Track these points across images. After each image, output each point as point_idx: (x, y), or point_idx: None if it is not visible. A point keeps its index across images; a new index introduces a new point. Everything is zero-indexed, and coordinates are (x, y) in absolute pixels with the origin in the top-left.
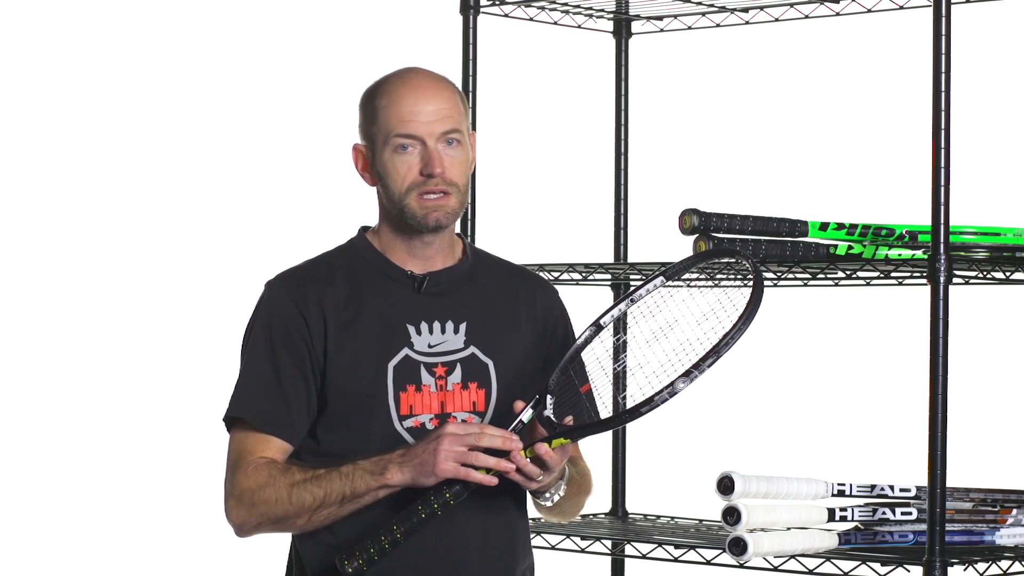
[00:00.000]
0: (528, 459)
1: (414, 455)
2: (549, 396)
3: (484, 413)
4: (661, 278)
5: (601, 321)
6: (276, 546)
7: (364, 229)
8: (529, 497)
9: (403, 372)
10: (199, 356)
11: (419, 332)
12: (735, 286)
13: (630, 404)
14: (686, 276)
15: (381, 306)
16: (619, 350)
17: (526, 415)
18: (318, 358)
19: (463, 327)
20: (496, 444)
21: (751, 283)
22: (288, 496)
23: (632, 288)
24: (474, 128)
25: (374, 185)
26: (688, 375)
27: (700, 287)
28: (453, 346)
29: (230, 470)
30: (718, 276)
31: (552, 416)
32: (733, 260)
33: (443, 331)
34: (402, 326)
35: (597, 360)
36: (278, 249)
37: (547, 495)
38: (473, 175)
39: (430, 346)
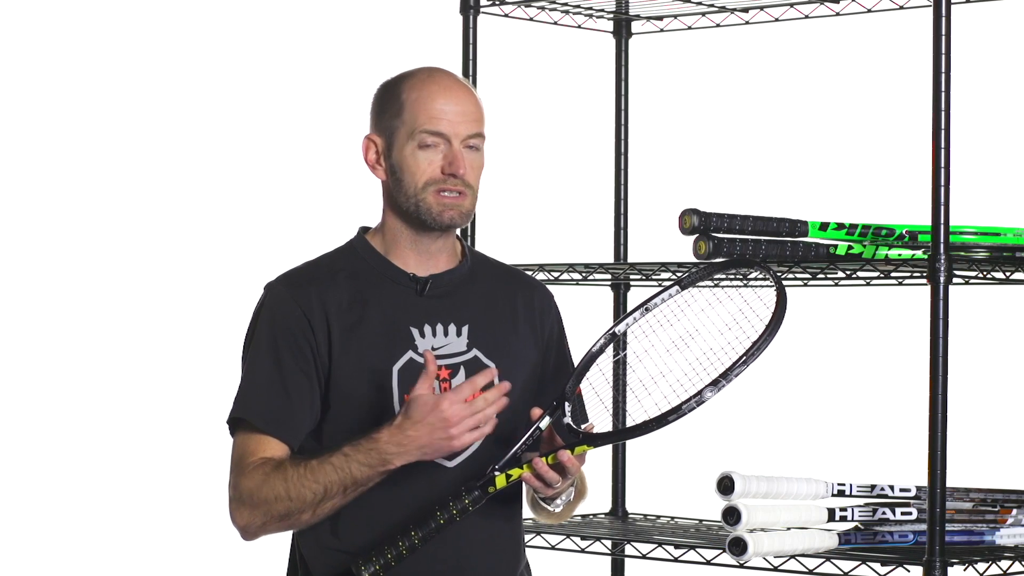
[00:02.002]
0: (550, 465)
1: (418, 440)
2: (567, 403)
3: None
4: (677, 287)
5: (616, 330)
6: (277, 548)
7: (364, 230)
8: (526, 500)
9: (408, 375)
10: (198, 357)
11: (423, 335)
12: (735, 286)
13: (655, 413)
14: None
15: (384, 309)
16: (619, 365)
17: (544, 422)
18: (322, 360)
19: (465, 329)
20: (491, 397)
21: (773, 289)
22: (287, 493)
23: (647, 298)
24: None
25: (384, 178)
26: (716, 384)
27: (715, 294)
28: (456, 349)
29: (232, 472)
30: (717, 276)
31: (571, 423)
32: (753, 270)
33: (446, 334)
34: (406, 329)
35: (600, 370)
36: (277, 251)
37: (558, 500)
38: None
39: (434, 349)
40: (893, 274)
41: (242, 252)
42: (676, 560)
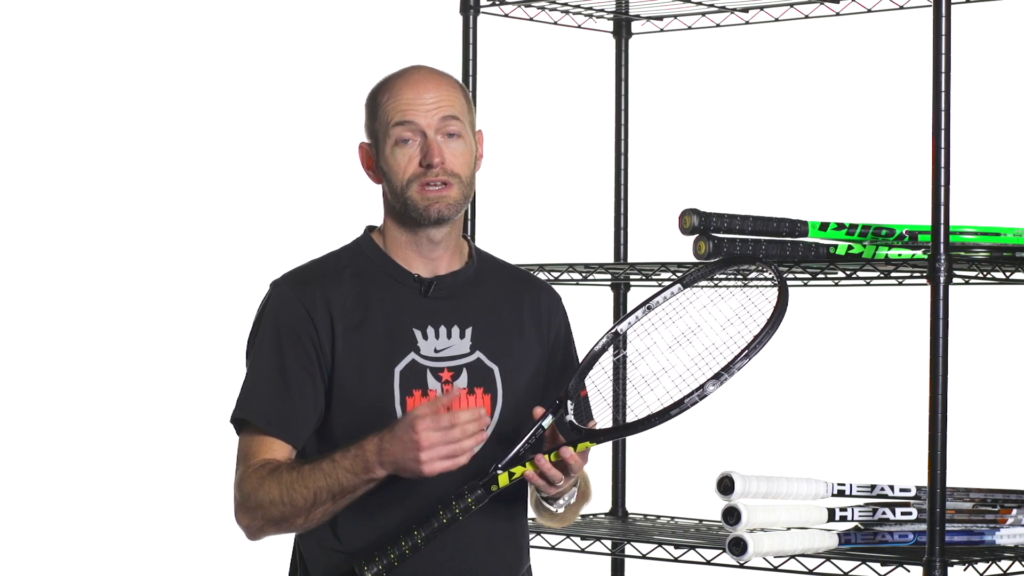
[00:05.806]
0: (552, 463)
1: (392, 455)
2: (569, 401)
3: (490, 418)
4: (678, 285)
5: (618, 329)
6: (278, 548)
7: (370, 229)
8: (530, 502)
9: (409, 377)
10: (204, 357)
11: (425, 337)
12: (736, 285)
13: (657, 408)
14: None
15: (387, 310)
16: (619, 365)
17: (546, 421)
18: (326, 359)
19: (469, 332)
20: (470, 429)
21: (775, 286)
22: (280, 497)
23: (649, 296)
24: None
25: (379, 183)
26: (718, 377)
27: (717, 291)
28: (459, 351)
29: (236, 473)
30: (718, 276)
31: (574, 420)
32: (754, 267)
33: (449, 336)
34: (409, 331)
35: (602, 368)
36: (282, 249)
37: (561, 501)
38: None
39: (436, 351)
40: (893, 274)
41: (247, 250)
42: (676, 560)
